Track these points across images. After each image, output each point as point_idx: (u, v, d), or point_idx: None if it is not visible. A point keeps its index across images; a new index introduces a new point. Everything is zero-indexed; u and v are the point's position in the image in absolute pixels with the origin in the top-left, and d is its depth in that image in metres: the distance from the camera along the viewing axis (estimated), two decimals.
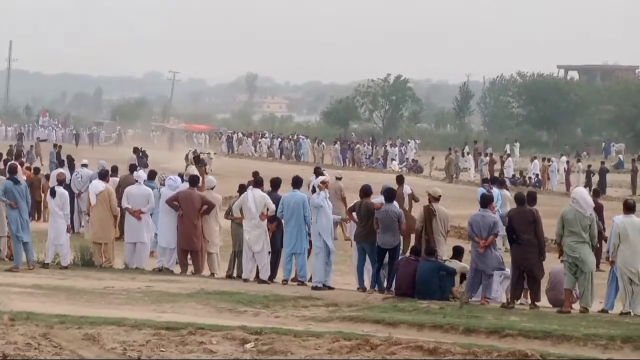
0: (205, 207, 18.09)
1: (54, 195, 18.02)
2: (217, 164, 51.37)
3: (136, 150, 34.62)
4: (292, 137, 71.60)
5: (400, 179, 21.17)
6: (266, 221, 17.08)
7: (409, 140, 70.46)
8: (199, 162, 33.54)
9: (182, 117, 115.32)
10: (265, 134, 77.52)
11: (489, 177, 31.76)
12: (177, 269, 18.32)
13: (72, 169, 25.39)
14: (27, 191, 17.74)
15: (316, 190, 17.41)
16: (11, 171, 17.91)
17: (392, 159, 59.52)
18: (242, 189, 17.87)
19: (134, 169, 21.88)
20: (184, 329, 11.01)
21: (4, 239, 18.36)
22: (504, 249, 19.15)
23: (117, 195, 19.51)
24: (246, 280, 17.18)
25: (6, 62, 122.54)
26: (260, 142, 71.97)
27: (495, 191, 22.34)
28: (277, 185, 17.81)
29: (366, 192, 16.48)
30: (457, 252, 15.91)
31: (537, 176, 47.67)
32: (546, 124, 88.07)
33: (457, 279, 15.30)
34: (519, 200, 14.97)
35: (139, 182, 19.07)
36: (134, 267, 18.42)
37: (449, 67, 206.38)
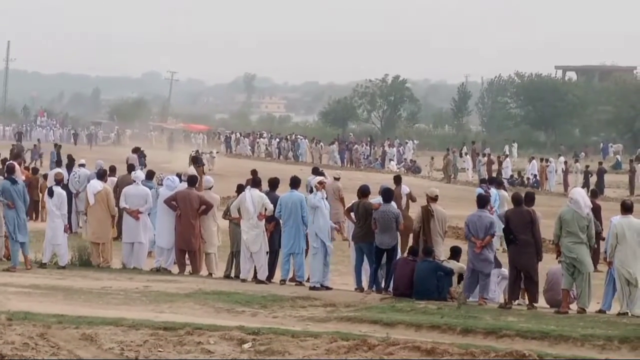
0: (203, 207, 18.09)
1: (52, 195, 18.02)
2: (217, 164, 51.60)
3: (137, 150, 34.60)
4: (290, 137, 71.59)
5: (397, 179, 21.15)
6: (264, 221, 17.08)
7: (407, 140, 70.49)
8: (196, 162, 33.45)
9: (180, 117, 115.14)
10: (263, 134, 77.51)
11: (487, 178, 31.84)
12: (175, 269, 18.31)
13: (70, 168, 25.34)
14: (24, 191, 17.73)
15: (313, 190, 17.41)
16: (9, 171, 17.90)
17: (390, 160, 59.49)
18: (240, 189, 17.86)
19: (132, 169, 21.88)
20: (182, 329, 11.00)
21: (1, 239, 18.31)
22: (502, 250, 19.18)
23: (115, 195, 19.50)
24: (244, 280, 17.18)
25: (4, 62, 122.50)
26: (258, 142, 71.95)
27: (493, 191, 22.37)
28: (275, 185, 17.80)
29: (364, 192, 16.47)
30: (455, 253, 15.91)
31: (535, 177, 47.69)
32: (544, 125, 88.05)
33: (455, 279, 15.29)
34: (516, 200, 14.98)
35: (137, 182, 19.07)
36: (131, 267, 18.41)
37: (447, 67, 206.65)
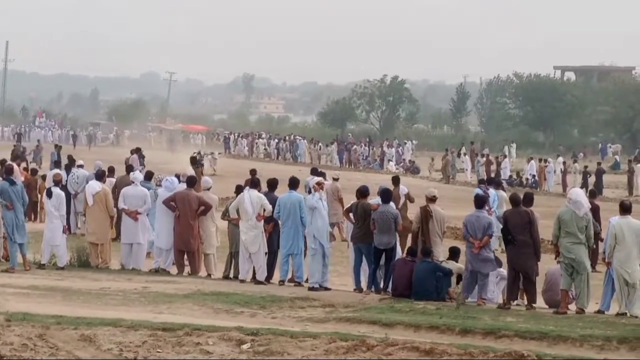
0: (202, 208, 18.08)
1: (51, 196, 18.01)
2: (218, 165, 51.49)
3: (138, 150, 34.60)
4: (288, 137, 71.57)
5: (396, 180, 21.15)
6: (263, 222, 17.08)
7: (405, 141, 70.49)
8: (195, 162, 33.42)
9: (179, 118, 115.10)
10: (262, 134, 77.52)
11: (486, 178, 31.85)
12: (174, 270, 18.31)
13: (69, 169, 25.32)
14: (23, 192, 17.71)
15: (311, 191, 17.41)
16: (7, 172, 17.90)
17: (389, 160, 59.48)
18: (239, 190, 17.86)
19: (131, 170, 21.87)
20: (181, 329, 10.99)
21: None
22: (500, 250, 19.18)
23: (114, 196, 19.49)
24: (243, 281, 17.18)
25: (2, 63, 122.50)
26: (257, 143, 71.93)
27: (491, 192, 22.36)
28: (273, 186, 17.80)
29: (363, 193, 16.47)
30: (454, 253, 15.91)
31: (534, 177, 47.69)
32: (543, 125, 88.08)
33: (454, 279, 15.30)
34: (514, 201, 15.00)
35: (136, 183, 19.07)
36: (130, 268, 18.39)
37: (446, 68, 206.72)
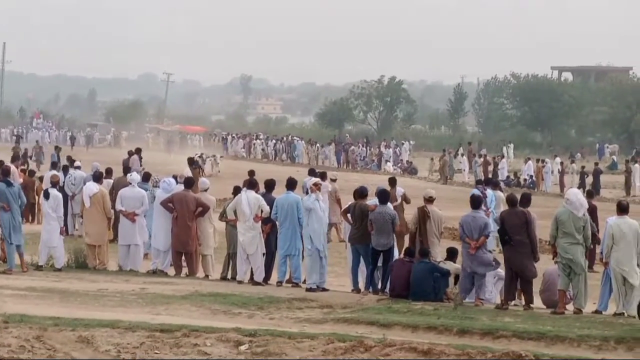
0: (199, 209, 18.07)
1: (48, 197, 17.99)
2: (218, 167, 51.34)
3: (138, 151, 34.61)
4: (286, 138, 71.54)
5: (392, 181, 21.15)
6: (260, 223, 17.07)
7: (403, 141, 70.53)
8: (193, 163, 33.46)
9: (176, 119, 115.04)
10: (259, 135, 77.49)
11: (483, 179, 31.84)
12: (172, 271, 18.30)
13: (66, 171, 25.29)
14: (20, 193, 17.70)
15: (309, 192, 17.40)
16: (4, 173, 17.88)
17: (387, 161, 59.51)
18: (236, 191, 17.86)
19: (128, 171, 21.85)
20: (178, 331, 10.99)
21: None
22: (498, 250, 19.17)
23: (111, 197, 19.48)
24: (240, 282, 17.18)
25: (0, 64, 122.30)
26: (254, 144, 71.91)
27: (489, 193, 22.36)
28: (271, 186, 17.79)
29: (361, 193, 16.47)
30: (451, 254, 15.92)
31: (532, 177, 47.72)
32: (540, 125, 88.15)
33: (451, 280, 15.30)
34: (511, 201, 15.01)
35: (133, 184, 19.05)
36: (128, 269, 18.38)
37: (443, 68, 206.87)
